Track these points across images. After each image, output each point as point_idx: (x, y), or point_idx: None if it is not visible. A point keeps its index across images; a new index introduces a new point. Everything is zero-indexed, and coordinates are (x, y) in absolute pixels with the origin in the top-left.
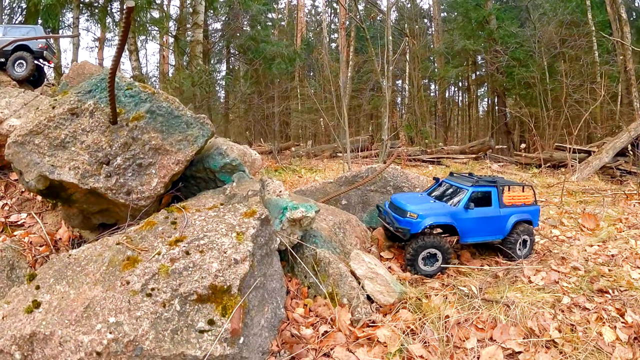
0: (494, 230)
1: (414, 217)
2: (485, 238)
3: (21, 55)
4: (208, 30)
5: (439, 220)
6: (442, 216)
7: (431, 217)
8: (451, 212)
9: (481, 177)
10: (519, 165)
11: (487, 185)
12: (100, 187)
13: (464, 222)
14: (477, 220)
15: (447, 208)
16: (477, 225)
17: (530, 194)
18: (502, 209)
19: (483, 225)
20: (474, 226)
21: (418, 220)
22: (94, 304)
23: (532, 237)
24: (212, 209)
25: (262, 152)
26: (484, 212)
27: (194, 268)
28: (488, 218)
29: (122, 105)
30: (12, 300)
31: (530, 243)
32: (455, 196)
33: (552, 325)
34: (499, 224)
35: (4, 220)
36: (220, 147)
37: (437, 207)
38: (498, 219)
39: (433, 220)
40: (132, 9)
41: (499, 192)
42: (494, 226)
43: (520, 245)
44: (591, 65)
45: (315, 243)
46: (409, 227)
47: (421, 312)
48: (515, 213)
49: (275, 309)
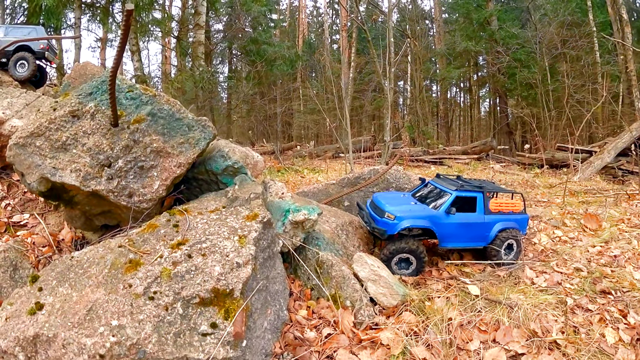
0: (476, 237)
1: (391, 218)
2: (466, 244)
3: (23, 56)
4: (210, 31)
5: (417, 224)
6: (421, 219)
7: (409, 220)
8: (431, 215)
9: (468, 181)
10: (521, 166)
11: (473, 191)
12: (102, 190)
13: (443, 226)
14: (459, 226)
15: (427, 211)
16: (458, 230)
17: (519, 201)
18: (487, 215)
19: (464, 231)
20: (454, 231)
21: (395, 222)
22: (96, 307)
23: (519, 240)
24: (215, 212)
25: (265, 152)
26: (466, 217)
27: (196, 271)
28: (471, 224)
29: (123, 107)
30: (15, 302)
31: (517, 246)
32: (438, 199)
33: (555, 327)
34: (482, 231)
35: (7, 220)
36: (222, 149)
37: (416, 209)
38: (481, 226)
39: (410, 223)
40: (132, 12)
41: (485, 198)
42: (476, 233)
43: (505, 249)
44: (592, 65)
45: (318, 245)
46: (385, 229)
47: (424, 315)
48: (501, 221)
49: (278, 311)
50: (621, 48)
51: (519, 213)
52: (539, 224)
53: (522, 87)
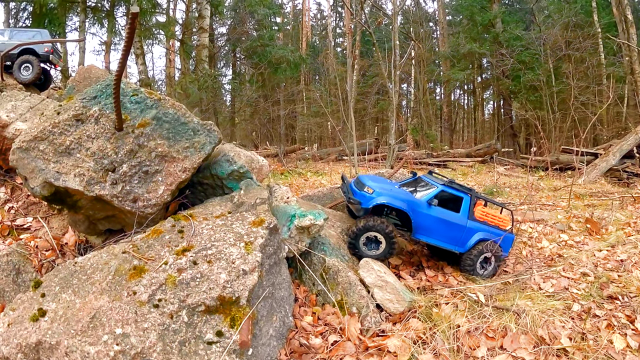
0: (453, 239)
1: (369, 191)
2: (441, 242)
3: (27, 59)
4: (214, 35)
5: (393, 203)
6: (399, 200)
7: (386, 197)
8: (411, 200)
9: (459, 184)
10: (525, 168)
11: (460, 191)
12: (106, 195)
13: (421, 216)
14: (437, 221)
15: (408, 196)
16: (436, 225)
17: (508, 218)
18: (470, 220)
19: (442, 228)
20: (431, 225)
21: (372, 196)
22: (100, 314)
23: (499, 257)
24: (220, 218)
25: (268, 155)
26: (448, 215)
27: (201, 279)
28: (450, 223)
29: (127, 111)
30: (17, 308)
31: (496, 262)
32: (423, 190)
33: (563, 333)
34: (460, 234)
35: (10, 223)
36: (227, 153)
37: (397, 191)
38: (461, 229)
39: (386, 200)
40: (137, 15)
41: (471, 202)
42: (454, 234)
43: (481, 262)
44: (597, 67)
45: (324, 251)
46: (361, 201)
47: (431, 321)
48: (484, 231)
49: (284, 318)
50: (626, 49)
51: (505, 230)
52: (545, 228)
53: (526, 89)
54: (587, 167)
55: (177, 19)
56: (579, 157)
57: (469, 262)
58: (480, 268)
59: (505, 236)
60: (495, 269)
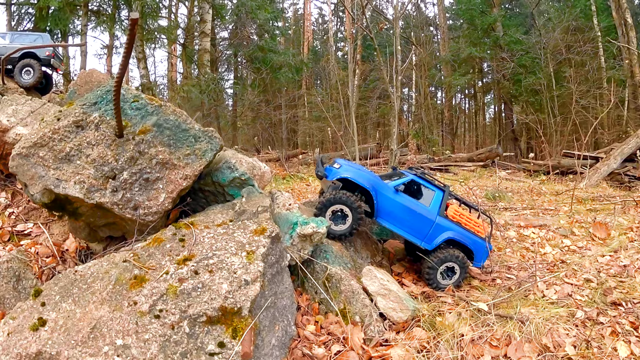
0: (418, 231)
1: (336, 167)
2: (403, 232)
3: (28, 63)
4: (216, 39)
5: (357, 179)
6: (363, 179)
7: (350, 173)
8: (377, 182)
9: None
10: (526, 172)
11: (433, 185)
12: (107, 202)
13: (386, 200)
14: (402, 208)
15: (376, 179)
16: (401, 212)
17: (485, 226)
18: (440, 217)
19: (407, 217)
20: (395, 211)
21: (338, 170)
22: (100, 325)
23: (464, 266)
24: (221, 226)
25: (270, 159)
26: (415, 205)
27: (203, 289)
28: (417, 214)
29: (128, 118)
30: (17, 316)
31: (461, 273)
32: (396, 179)
33: (567, 341)
34: (427, 228)
35: (11, 229)
36: (229, 160)
37: (365, 172)
38: (428, 223)
39: (350, 175)
40: (137, 21)
41: (444, 198)
42: (420, 226)
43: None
44: (597, 70)
45: (327, 259)
46: (327, 173)
47: (435, 330)
48: (455, 231)
49: (286, 327)
50: (626, 52)
51: (478, 236)
52: (547, 233)
53: (527, 93)
54: (588, 170)
55: (179, 23)
56: (581, 160)
57: (427, 270)
58: (442, 278)
59: (480, 245)
60: (459, 280)
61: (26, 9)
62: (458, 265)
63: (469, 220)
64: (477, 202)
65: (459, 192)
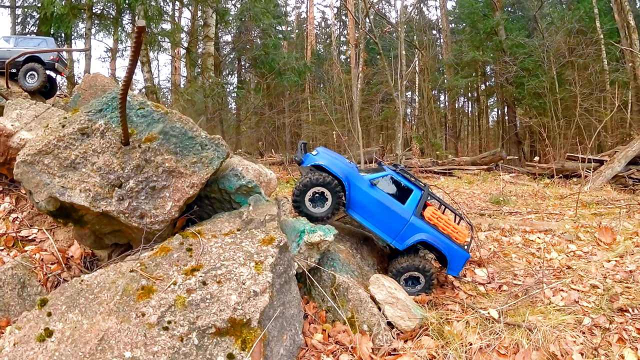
0: (390, 229)
1: (313, 154)
2: (375, 228)
3: (32, 67)
4: (219, 43)
5: (330, 168)
6: (337, 168)
7: (326, 161)
8: (352, 174)
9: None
10: (530, 176)
11: (412, 183)
12: (113, 211)
13: (359, 192)
14: (376, 203)
15: (352, 170)
16: (374, 207)
17: (466, 233)
18: (415, 217)
19: (380, 212)
20: (368, 205)
21: (314, 157)
22: (108, 337)
23: (429, 275)
24: (229, 235)
25: (274, 163)
26: (390, 202)
27: (211, 300)
28: (390, 211)
29: (134, 125)
30: (23, 326)
31: (426, 283)
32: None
33: (574, 348)
34: (399, 227)
35: (15, 234)
36: (235, 167)
37: (342, 162)
38: (401, 221)
39: (324, 162)
40: (144, 29)
41: (422, 198)
42: (392, 224)
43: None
44: (600, 73)
45: (334, 267)
46: (303, 160)
47: (444, 339)
48: (430, 234)
49: (294, 336)
50: (629, 55)
51: (456, 243)
52: (553, 238)
53: (530, 96)
54: (592, 174)
55: (183, 27)
56: (585, 164)
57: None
58: (405, 284)
59: (456, 252)
60: (425, 288)
61: (31, 12)
62: (422, 275)
63: (447, 224)
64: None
65: (464, 196)
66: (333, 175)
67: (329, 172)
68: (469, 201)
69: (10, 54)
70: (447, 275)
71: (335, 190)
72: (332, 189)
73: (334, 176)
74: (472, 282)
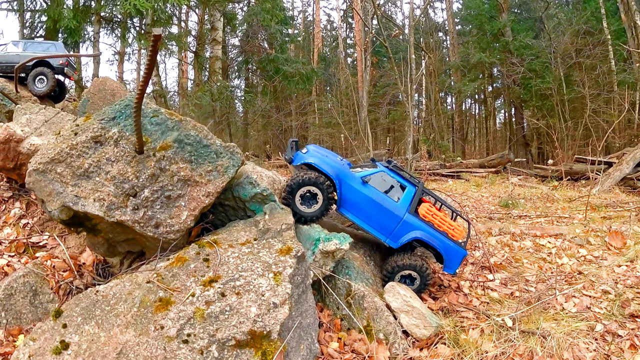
0: (383, 227)
1: (303, 152)
2: (368, 226)
3: (42, 71)
4: (227, 47)
5: (320, 166)
6: (327, 165)
7: (315, 159)
8: (343, 172)
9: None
10: (538, 178)
11: (405, 179)
12: (128, 220)
13: (350, 190)
14: (368, 201)
15: (344, 168)
16: (366, 205)
17: (462, 229)
18: (409, 214)
19: (373, 210)
20: (360, 203)
21: (304, 155)
22: (127, 350)
23: (425, 274)
24: (246, 245)
25: (281, 165)
26: (383, 199)
27: (231, 312)
28: (383, 209)
29: (148, 133)
30: (38, 338)
31: (421, 282)
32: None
33: (588, 355)
34: (393, 225)
35: (26, 240)
36: (250, 175)
37: (332, 160)
38: (395, 219)
39: (314, 160)
40: (160, 37)
41: (416, 195)
42: (386, 222)
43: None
44: (608, 74)
45: (349, 275)
46: (293, 158)
47: (459, 347)
48: (425, 231)
49: (310, 345)
50: (636, 55)
51: (453, 240)
52: (563, 242)
53: (537, 97)
54: (601, 176)
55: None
56: (595, 166)
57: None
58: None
59: (452, 249)
60: (420, 288)
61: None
62: (418, 274)
63: (443, 221)
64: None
65: (472, 199)
66: (323, 174)
67: (319, 170)
68: (478, 204)
69: (19, 58)
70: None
71: (325, 188)
72: (322, 187)
73: (324, 174)
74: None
